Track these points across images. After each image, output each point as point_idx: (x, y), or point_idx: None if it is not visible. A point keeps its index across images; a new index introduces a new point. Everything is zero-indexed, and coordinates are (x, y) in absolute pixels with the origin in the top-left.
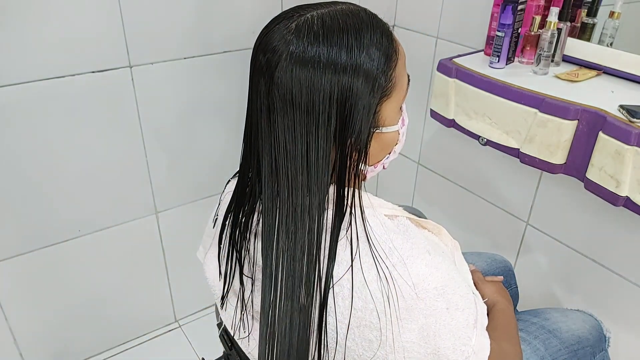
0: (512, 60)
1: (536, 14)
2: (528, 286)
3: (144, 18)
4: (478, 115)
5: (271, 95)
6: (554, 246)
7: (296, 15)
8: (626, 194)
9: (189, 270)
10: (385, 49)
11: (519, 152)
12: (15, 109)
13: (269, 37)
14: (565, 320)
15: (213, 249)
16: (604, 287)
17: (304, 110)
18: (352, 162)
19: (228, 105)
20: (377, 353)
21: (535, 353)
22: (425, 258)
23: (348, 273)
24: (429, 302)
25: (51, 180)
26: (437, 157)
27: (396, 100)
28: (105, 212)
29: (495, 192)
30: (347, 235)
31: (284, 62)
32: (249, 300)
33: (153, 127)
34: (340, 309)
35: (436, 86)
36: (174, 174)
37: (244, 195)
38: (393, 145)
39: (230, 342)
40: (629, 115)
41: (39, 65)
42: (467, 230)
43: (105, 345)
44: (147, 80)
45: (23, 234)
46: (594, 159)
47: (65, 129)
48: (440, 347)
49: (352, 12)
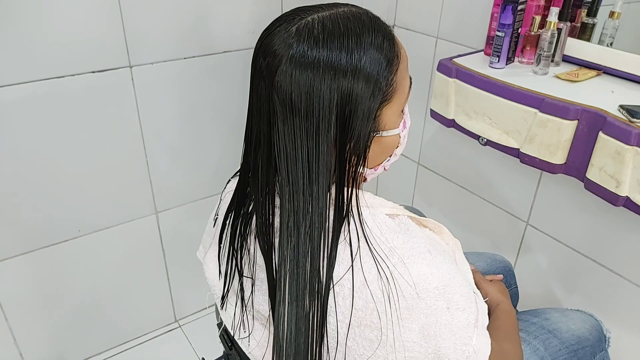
0: (512, 60)
1: (536, 14)
2: (528, 286)
3: (144, 18)
4: (478, 115)
5: (271, 99)
6: (554, 246)
7: (297, 18)
8: (626, 194)
9: (189, 270)
10: (386, 52)
11: (519, 152)
12: (16, 108)
13: (269, 40)
14: (565, 320)
15: (213, 249)
16: (604, 287)
17: (304, 114)
18: (351, 166)
19: (228, 105)
20: (377, 352)
21: (535, 353)
22: (426, 257)
23: (348, 273)
24: (430, 301)
25: (51, 180)
26: (437, 157)
27: (397, 104)
28: (105, 212)
29: (495, 192)
30: (347, 236)
31: (284, 66)
32: (249, 300)
33: (153, 127)
34: (341, 309)
35: (436, 86)
36: (174, 174)
37: (245, 195)
38: (394, 149)
39: (230, 342)
40: (629, 115)
41: (39, 65)
42: (467, 230)
43: (105, 345)
44: (147, 80)
45: (23, 234)
46: (594, 159)
47: (65, 129)
48: (440, 346)
49: (354, 15)
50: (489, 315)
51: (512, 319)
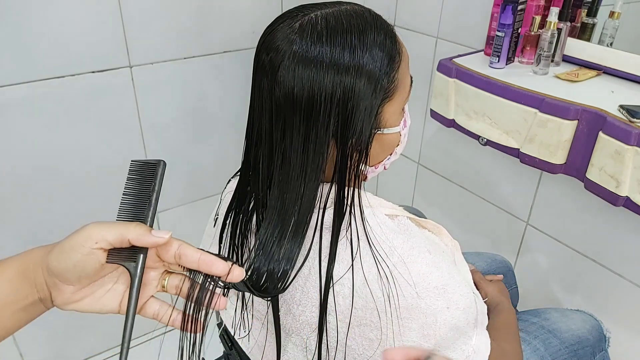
0: (512, 60)
1: (536, 14)
2: (528, 286)
3: (144, 18)
4: (478, 115)
5: (273, 95)
6: (554, 246)
7: (300, 15)
8: (626, 194)
9: None
10: (388, 50)
11: (519, 152)
12: (16, 108)
13: (272, 36)
14: (565, 320)
15: (213, 249)
16: (604, 287)
17: (306, 110)
18: (352, 163)
19: (228, 105)
20: (377, 352)
21: (535, 353)
22: (426, 257)
23: (349, 272)
24: (430, 301)
25: (51, 180)
26: (437, 157)
27: (398, 102)
28: (105, 212)
29: (495, 192)
30: (347, 235)
31: (287, 61)
32: (249, 300)
33: (153, 128)
34: (341, 308)
35: (436, 86)
36: (174, 174)
37: (246, 193)
38: (394, 147)
39: (230, 341)
40: (629, 115)
41: (39, 65)
42: (467, 230)
43: (105, 345)
44: (147, 80)
45: (23, 234)
46: (594, 159)
47: (65, 129)
48: (440, 346)
49: (356, 13)
50: (489, 315)
51: (512, 319)
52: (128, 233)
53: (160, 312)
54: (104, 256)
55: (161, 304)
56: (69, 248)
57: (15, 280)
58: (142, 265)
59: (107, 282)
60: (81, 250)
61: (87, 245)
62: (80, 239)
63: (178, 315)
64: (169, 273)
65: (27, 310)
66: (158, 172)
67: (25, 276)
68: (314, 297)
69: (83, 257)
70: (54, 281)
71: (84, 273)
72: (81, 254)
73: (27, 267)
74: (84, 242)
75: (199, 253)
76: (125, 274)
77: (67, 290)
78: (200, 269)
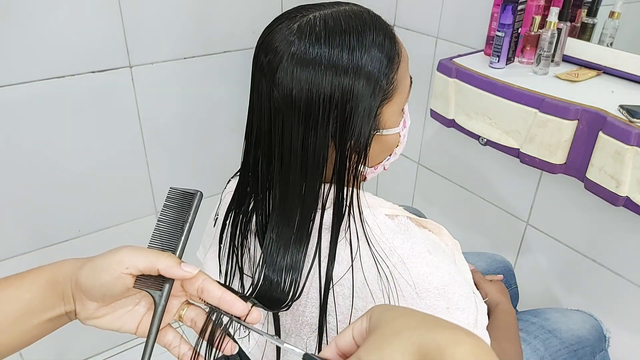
0: (512, 60)
1: (536, 14)
2: (528, 286)
3: (143, 18)
4: (478, 115)
5: (272, 96)
6: (554, 246)
7: (299, 16)
8: (626, 194)
9: None
10: (387, 51)
11: (519, 152)
12: (16, 108)
13: (271, 37)
14: (565, 320)
15: (213, 249)
16: (604, 287)
17: (304, 111)
18: (351, 164)
19: (228, 105)
20: None
21: (535, 353)
22: (426, 257)
23: (348, 273)
24: (430, 301)
25: (51, 179)
26: (437, 157)
27: (398, 103)
28: (105, 212)
29: (495, 192)
30: (346, 236)
31: (285, 62)
32: None
33: (153, 127)
34: (341, 309)
35: (436, 86)
36: (174, 174)
37: (245, 194)
38: (394, 147)
39: None
40: (629, 115)
41: (39, 65)
42: (467, 230)
43: (105, 345)
44: (147, 80)
45: (23, 234)
46: (594, 159)
47: (65, 129)
48: None
49: (355, 14)
50: (489, 315)
51: (512, 319)
52: (159, 263)
53: (173, 343)
54: (132, 281)
55: (175, 335)
56: (100, 268)
57: (46, 289)
58: (167, 295)
59: (128, 303)
60: (111, 273)
61: (118, 270)
62: (112, 262)
63: (188, 351)
64: (188, 304)
65: (53, 321)
66: (194, 203)
67: (55, 287)
68: (314, 298)
69: (112, 279)
70: (80, 296)
71: (109, 293)
72: (111, 276)
73: (57, 279)
74: (116, 266)
75: (221, 291)
76: (147, 298)
77: (90, 306)
78: (220, 306)
